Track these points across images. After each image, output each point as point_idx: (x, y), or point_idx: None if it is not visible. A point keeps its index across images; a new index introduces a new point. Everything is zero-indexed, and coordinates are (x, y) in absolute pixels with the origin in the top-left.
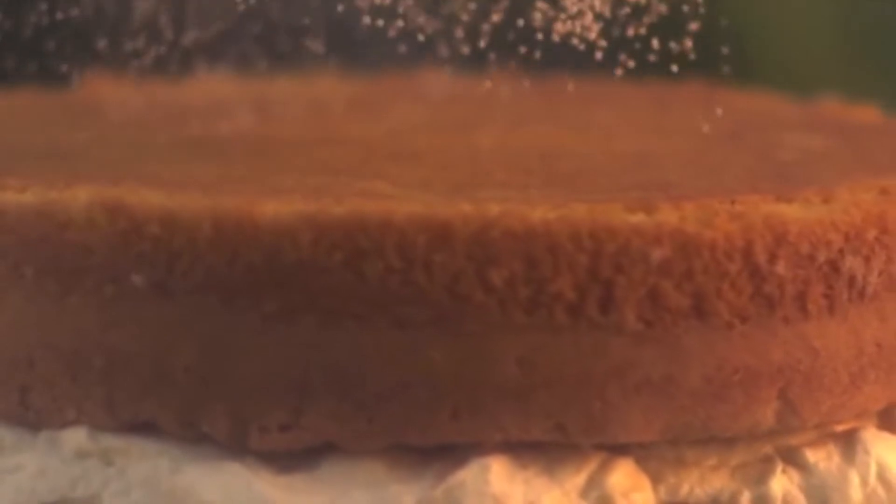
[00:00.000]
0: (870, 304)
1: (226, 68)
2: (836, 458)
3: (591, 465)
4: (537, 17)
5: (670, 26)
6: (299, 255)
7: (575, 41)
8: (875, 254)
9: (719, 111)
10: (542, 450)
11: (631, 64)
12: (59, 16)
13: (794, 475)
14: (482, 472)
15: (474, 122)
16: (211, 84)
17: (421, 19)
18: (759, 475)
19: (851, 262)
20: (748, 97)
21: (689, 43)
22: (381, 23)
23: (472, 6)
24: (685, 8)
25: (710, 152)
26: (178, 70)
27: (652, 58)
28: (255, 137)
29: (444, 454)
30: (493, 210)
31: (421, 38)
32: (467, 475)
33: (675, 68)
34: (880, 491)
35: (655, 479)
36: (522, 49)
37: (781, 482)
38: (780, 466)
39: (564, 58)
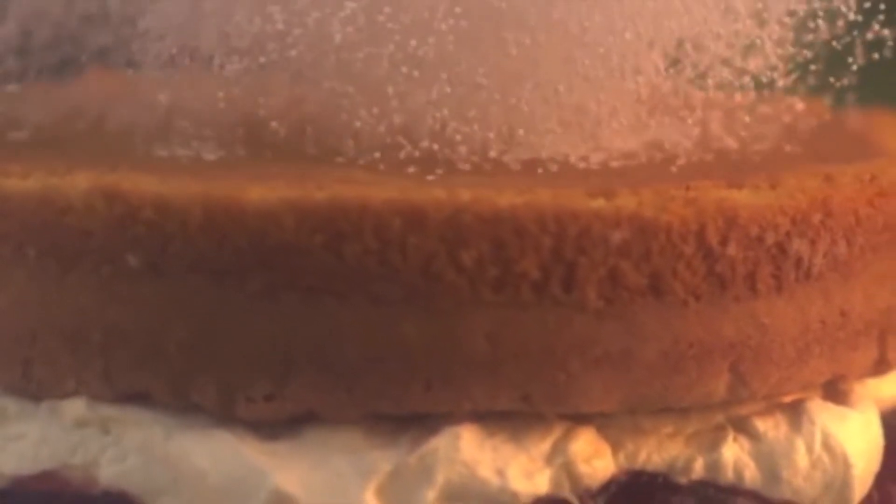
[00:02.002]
0: (815, 284)
1: None
2: (784, 427)
3: (555, 433)
4: None
5: None
6: (283, 238)
7: None
8: (820, 236)
9: None
10: (510, 419)
11: None
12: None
13: (745, 443)
14: (453, 440)
15: None
16: None
17: None
18: (711, 443)
19: (798, 245)
20: None
21: None
22: None
23: None
24: None
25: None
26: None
27: None
28: None
29: (417, 423)
30: (463, 195)
31: None
32: (439, 442)
33: None
34: (825, 458)
35: (615, 447)
36: None
37: (732, 449)
38: (731, 435)
39: None
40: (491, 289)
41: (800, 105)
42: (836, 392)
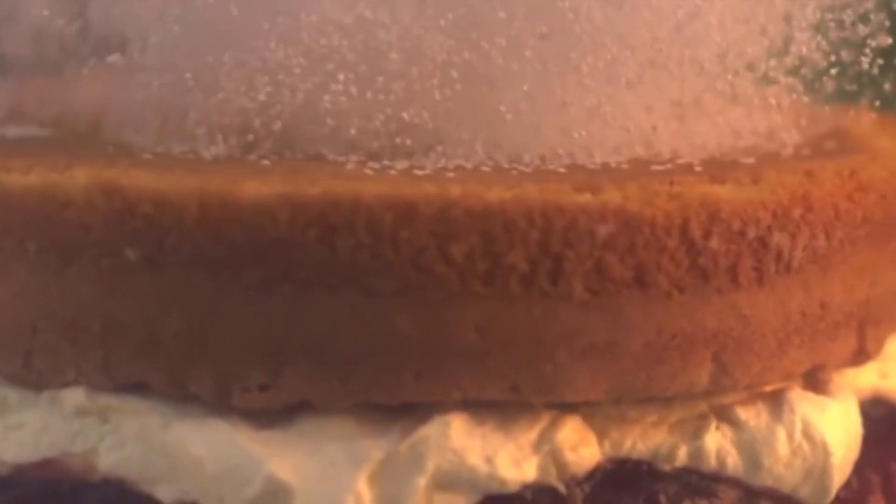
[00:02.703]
0: (795, 277)
1: None
2: (765, 416)
3: (542, 422)
4: None
5: None
6: (277, 232)
7: None
8: (800, 230)
9: None
10: (498, 408)
11: None
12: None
13: (727, 431)
14: (443, 428)
15: None
16: None
17: None
18: (694, 431)
19: (778, 238)
20: None
21: None
22: None
23: None
24: None
25: None
26: None
27: None
28: None
29: (408, 412)
30: (453, 190)
31: None
32: (430, 431)
33: None
34: (805, 446)
35: (601, 435)
36: None
37: (715, 437)
38: (714, 423)
39: None
40: (480, 281)
41: (782, 102)
42: (816, 382)
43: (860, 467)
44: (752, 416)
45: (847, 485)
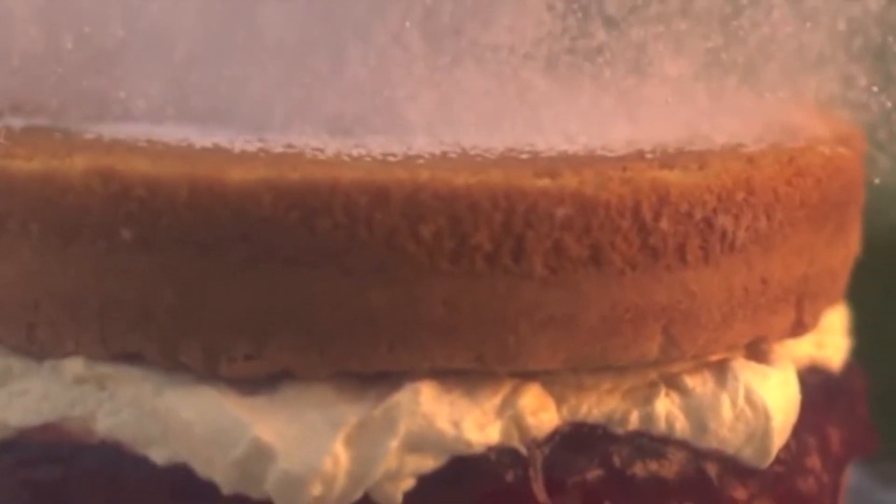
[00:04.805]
0: (738, 255)
1: None
2: (711, 384)
3: (505, 389)
4: None
5: None
6: (261, 214)
7: None
8: (743, 212)
9: None
10: (464, 376)
11: None
12: None
13: (676, 397)
14: (414, 395)
15: None
16: None
17: None
18: (645, 397)
19: (723, 220)
20: None
21: None
22: None
23: None
24: None
25: None
26: None
27: None
28: None
29: (382, 380)
30: (423, 175)
31: None
32: (402, 397)
33: None
34: (747, 411)
35: (559, 401)
36: None
37: (664, 403)
38: (663, 390)
39: None
40: (448, 260)
41: (726, 92)
42: (757, 352)
43: (798, 431)
44: (699, 383)
45: (786, 447)
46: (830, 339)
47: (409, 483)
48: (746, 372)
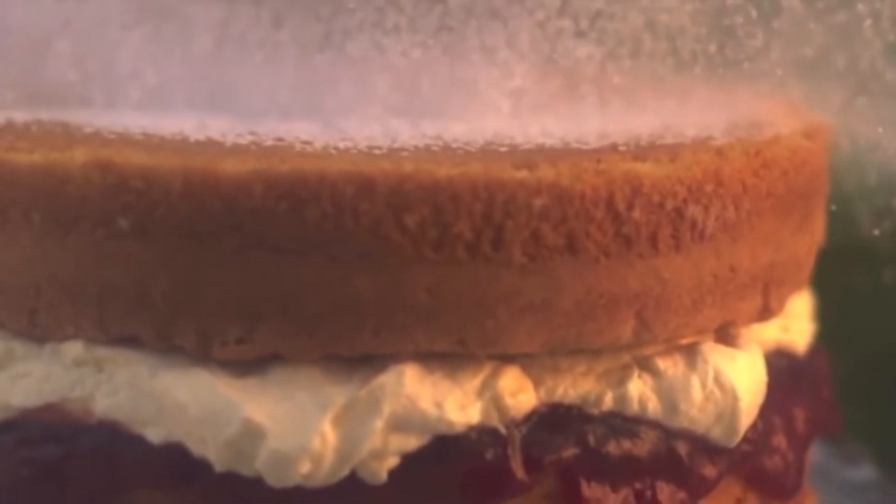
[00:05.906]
0: (708, 244)
1: None
2: (681, 366)
3: (485, 372)
4: None
5: None
6: (252, 204)
7: None
8: (712, 203)
9: None
10: (446, 359)
11: None
12: None
13: (648, 379)
14: (398, 377)
15: None
16: None
17: None
18: (619, 379)
19: (693, 210)
20: None
21: None
22: None
23: None
24: None
25: None
26: None
27: None
28: None
29: (367, 362)
30: (407, 167)
31: None
32: (386, 379)
33: None
34: (716, 392)
35: (537, 383)
36: None
37: (637, 385)
38: (636, 372)
39: None
40: (431, 248)
41: (698, 88)
42: (726, 336)
43: (765, 411)
44: (670, 365)
45: (753, 426)
46: (796, 324)
47: (393, 461)
48: (715, 355)
